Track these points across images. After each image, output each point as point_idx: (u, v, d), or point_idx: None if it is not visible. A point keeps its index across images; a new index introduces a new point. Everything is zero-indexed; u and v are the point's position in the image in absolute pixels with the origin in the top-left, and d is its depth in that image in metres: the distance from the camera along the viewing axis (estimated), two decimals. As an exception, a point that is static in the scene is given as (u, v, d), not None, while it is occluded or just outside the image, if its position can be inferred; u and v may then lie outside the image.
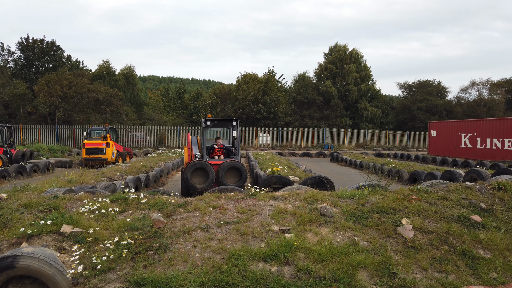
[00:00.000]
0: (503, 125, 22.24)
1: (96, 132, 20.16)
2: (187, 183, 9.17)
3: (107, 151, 18.14)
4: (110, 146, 18.32)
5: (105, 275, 3.96)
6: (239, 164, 9.53)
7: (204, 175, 9.31)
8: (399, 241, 4.57)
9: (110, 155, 18.30)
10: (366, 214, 5.07)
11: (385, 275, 4.05)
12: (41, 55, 41.36)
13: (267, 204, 5.37)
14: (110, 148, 18.30)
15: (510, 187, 5.65)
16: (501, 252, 4.38)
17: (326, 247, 4.35)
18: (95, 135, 19.78)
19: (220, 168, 9.37)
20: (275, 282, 3.91)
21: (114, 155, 18.76)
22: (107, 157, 18.11)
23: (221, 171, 9.32)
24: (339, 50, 49.79)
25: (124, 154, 20.37)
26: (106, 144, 18.18)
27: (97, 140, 18.37)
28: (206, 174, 9.28)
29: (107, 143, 18.23)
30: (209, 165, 9.29)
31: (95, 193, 5.88)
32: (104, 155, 18.06)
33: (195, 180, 9.23)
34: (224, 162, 9.53)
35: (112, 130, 20.62)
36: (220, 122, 11.04)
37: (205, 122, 10.10)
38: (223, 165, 9.40)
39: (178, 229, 4.73)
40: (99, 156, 17.98)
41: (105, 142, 18.23)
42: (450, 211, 5.11)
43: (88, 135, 19.71)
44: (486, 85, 49.73)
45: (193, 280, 3.86)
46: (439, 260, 4.26)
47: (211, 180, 9.18)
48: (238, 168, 9.51)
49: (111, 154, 18.34)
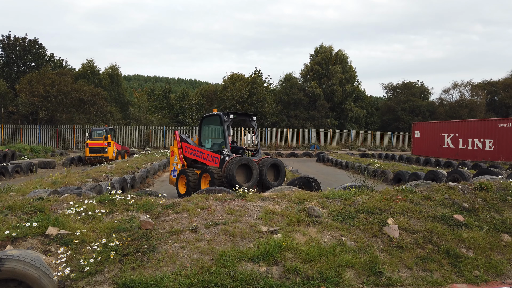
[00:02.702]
0: (484, 126, 22.81)
1: (97, 133, 21.91)
2: (232, 181, 8.39)
3: (108, 149, 20.04)
4: (111, 145, 20.21)
5: (92, 277, 3.93)
6: (279, 161, 9.24)
7: (246, 173, 8.75)
8: (385, 240, 4.66)
9: (111, 153, 20.11)
10: (353, 214, 5.15)
11: (372, 274, 4.12)
12: (23, 54, 40.45)
13: (255, 205, 5.40)
14: (111, 147, 20.18)
15: (491, 187, 5.82)
16: (483, 250, 4.51)
17: (314, 247, 4.40)
18: (96, 136, 21.51)
19: (262, 165, 8.92)
20: (264, 282, 3.94)
21: (115, 153, 20.55)
22: (108, 155, 19.94)
23: (264, 168, 8.86)
24: (325, 51, 50.21)
25: (122, 152, 22.08)
26: (108, 144, 20.06)
27: (99, 140, 20.21)
28: (249, 171, 8.72)
29: (108, 143, 20.09)
30: (254, 162, 8.73)
31: (81, 195, 5.81)
32: (106, 154, 19.95)
33: (238, 178, 8.64)
34: (264, 159, 9.20)
35: (111, 131, 22.57)
36: (240, 116, 10.53)
37: (228, 116, 9.65)
38: (264, 162, 8.95)
39: (166, 230, 4.71)
40: (101, 155, 19.89)
41: (107, 142, 20.10)
42: (434, 211, 5.23)
43: (90, 135, 21.54)
44: (468, 86, 50.93)
45: (182, 282, 3.86)
46: (424, 259, 4.36)
47: (255, 177, 8.63)
48: (277, 166, 9.22)
49: (112, 152, 20.14)
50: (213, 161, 9.76)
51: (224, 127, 9.69)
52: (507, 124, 21.01)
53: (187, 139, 10.93)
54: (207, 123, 11.10)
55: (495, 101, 53.12)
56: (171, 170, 11.06)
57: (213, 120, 10.84)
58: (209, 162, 9.87)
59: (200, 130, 10.84)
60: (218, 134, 11.12)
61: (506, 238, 4.80)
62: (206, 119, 10.92)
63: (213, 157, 9.75)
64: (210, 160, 9.89)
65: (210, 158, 9.85)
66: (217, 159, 9.55)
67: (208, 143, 10.98)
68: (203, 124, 10.96)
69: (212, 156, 9.75)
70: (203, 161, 10.14)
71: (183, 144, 10.85)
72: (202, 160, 10.17)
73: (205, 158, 10.06)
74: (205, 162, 10.03)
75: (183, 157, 10.79)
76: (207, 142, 11.00)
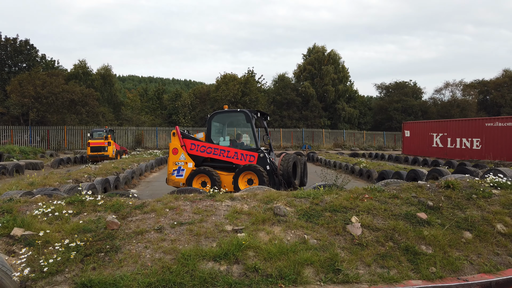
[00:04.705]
0: (471, 125, 23.00)
1: (98, 133, 23.51)
2: (290, 178, 8.92)
3: (108, 148, 21.89)
4: (111, 144, 22.12)
5: (52, 277, 3.96)
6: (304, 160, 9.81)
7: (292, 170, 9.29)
8: (347, 238, 4.73)
9: (111, 152, 21.91)
10: (319, 213, 5.22)
11: (330, 271, 4.19)
12: (14, 54, 40.27)
13: (223, 205, 5.45)
14: (111, 146, 22.06)
15: (458, 186, 5.91)
16: (442, 247, 4.59)
17: (275, 246, 4.46)
18: (97, 136, 23.22)
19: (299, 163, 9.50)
20: (222, 281, 4.00)
21: (114, 152, 22.27)
22: (108, 153, 21.70)
23: (301, 165, 9.42)
24: (318, 52, 50.36)
25: (121, 152, 24.06)
26: (108, 143, 21.95)
27: (100, 140, 22.13)
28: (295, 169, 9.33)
29: (108, 142, 21.98)
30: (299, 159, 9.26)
31: (52, 196, 5.84)
32: (106, 152, 21.74)
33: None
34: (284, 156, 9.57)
35: (111, 132, 24.59)
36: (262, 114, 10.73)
37: (256, 114, 10.00)
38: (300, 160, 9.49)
39: (131, 231, 4.76)
40: (101, 153, 21.65)
41: (107, 141, 21.99)
42: (398, 209, 5.31)
43: (91, 136, 23.33)
44: (460, 86, 51.31)
45: (141, 281, 3.90)
46: (383, 256, 4.43)
47: (299, 175, 9.21)
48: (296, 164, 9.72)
49: (111, 151, 21.95)
50: (246, 159, 9.61)
51: (252, 124, 9.77)
52: (493, 124, 21.21)
53: (190, 135, 10.35)
54: (220, 120, 10.80)
55: (487, 100, 53.52)
56: (173, 170, 10.07)
57: (231, 117, 10.79)
58: (238, 161, 9.64)
59: (209, 127, 10.29)
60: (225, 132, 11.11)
61: (467, 235, 4.89)
62: (218, 116, 10.52)
63: (246, 155, 9.61)
64: (240, 158, 9.66)
65: (240, 157, 9.66)
66: (253, 157, 9.55)
67: (224, 141, 10.63)
68: (213, 121, 10.44)
69: (246, 154, 9.62)
70: (227, 159, 9.81)
71: (187, 141, 10.14)
72: (226, 158, 9.81)
73: (230, 156, 9.76)
74: (231, 160, 9.76)
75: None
76: (222, 140, 10.65)
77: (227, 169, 9.85)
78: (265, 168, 9.28)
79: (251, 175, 9.20)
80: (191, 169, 9.84)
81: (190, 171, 9.81)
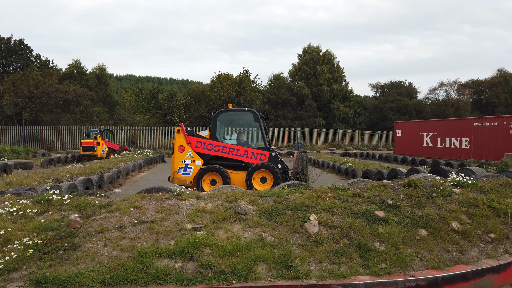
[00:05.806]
0: (460, 125, 23.15)
1: (93, 133, 23.99)
2: (306, 175, 9.49)
3: (97, 148, 22.54)
4: (100, 144, 22.69)
5: (9, 274, 4.06)
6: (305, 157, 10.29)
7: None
8: (304, 236, 4.85)
9: (100, 151, 22.60)
10: (280, 211, 5.33)
11: (282, 267, 4.30)
12: (8, 54, 40.30)
13: (187, 204, 5.56)
14: (100, 146, 22.71)
15: (420, 184, 6.03)
16: (395, 244, 4.71)
17: (232, 243, 4.57)
18: (92, 136, 23.67)
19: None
20: (176, 277, 4.11)
21: (105, 152, 22.82)
22: (97, 153, 22.40)
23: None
24: (312, 51, 50.51)
25: (119, 151, 24.78)
26: (97, 143, 22.60)
27: (91, 140, 22.80)
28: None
29: (97, 142, 22.64)
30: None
31: (21, 195, 5.94)
32: (95, 152, 22.39)
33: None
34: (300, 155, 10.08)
35: (108, 131, 25.89)
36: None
37: (264, 113, 10.33)
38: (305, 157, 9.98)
39: (93, 229, 4.86)
40: (91, 153, 22.35)
41: (96, 141, 22.66)
42: (358, 207, 5.43)
43: (87, 136, 23.76)
44: (454, 86, 51.46)
45: (95, 278, 4.01)
46: (336, 252, 4.55)
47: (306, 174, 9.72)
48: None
49: (100, 151, 22.63)
50: (257, 158, 9.74)
51: (261, 124, 9.88)
52: (481, 123, 21.35)
53: (195, 133, 10.25)
54: (225, 119, 10.83)
55: (482, 100, 53.70)
56: (179, 168, 9.88)
57: (237, 116, 10.98)
58: (249, 159, 9.71)
59: (214, 125, 10.23)
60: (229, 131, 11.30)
61: (422, 232, 5.00)
62: (224, 115, 10.51)
63: (257, 154, 9.74)
64: (251, 157, 9.73)
65: (251, 155, 9.74)
66: (264, 156, 9.71)
67: (231, 139, 10.69)
68: (218, 120, 10.41)
69: (257, 153, 9.75)
70: (237, 158, 9.85)
71: (192, 138, 9.99)
72: (235, 157, 9.85)
73: (240, 155, 9.81)
74: (240, 159, 9.81)
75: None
76: (229, 138, 10.69)
77: (234, 168, 9.90)
78: (277, 166, 9.54)
79: (265, 174, 9.39)
80: (199, 167, 9.74)
81: (198, 169, 9.72)
